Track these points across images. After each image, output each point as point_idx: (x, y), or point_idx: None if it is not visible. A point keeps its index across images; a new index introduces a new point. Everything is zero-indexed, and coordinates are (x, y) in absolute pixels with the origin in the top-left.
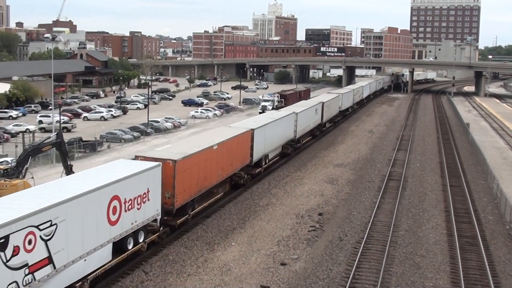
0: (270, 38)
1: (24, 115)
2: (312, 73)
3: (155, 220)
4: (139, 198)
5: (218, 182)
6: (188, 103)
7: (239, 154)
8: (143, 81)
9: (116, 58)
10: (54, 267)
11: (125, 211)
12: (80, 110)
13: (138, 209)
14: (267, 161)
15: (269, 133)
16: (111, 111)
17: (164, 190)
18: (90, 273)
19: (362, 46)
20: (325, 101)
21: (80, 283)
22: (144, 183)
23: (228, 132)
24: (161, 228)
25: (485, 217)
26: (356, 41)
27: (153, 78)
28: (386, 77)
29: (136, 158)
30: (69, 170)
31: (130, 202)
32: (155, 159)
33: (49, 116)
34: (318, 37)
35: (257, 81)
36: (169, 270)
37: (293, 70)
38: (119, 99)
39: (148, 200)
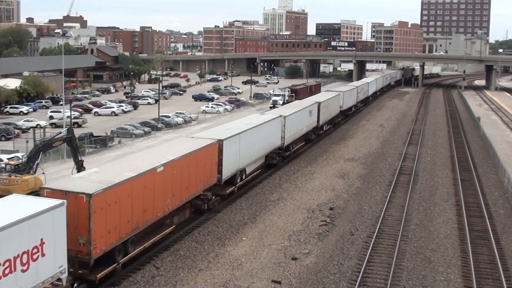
0: (281, 33)
1: (35, 110)
2: (322, 67)
3: (60, 280)
4: (24, 256)
5: (169, 212)
6: (199, 98)
7: (200, 173)
8: (153, 76)
9: (127, 53)
10: None
11: None
12: (91, 106)
13: (23, 271)
14: (243, 177)
15: (246, 142)
16: (122, 106)
17: (77, 234)
18: None
19: (373, 40)
20: (322, 101)
21: None
22: (33, 233)
23: (186, 146)
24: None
25: (496, 211)
26: (366, 35)
27: (164, 73)
28: (393, 72)
29: (42, 191)
30: (80, 166)
31: (7, 265)
32: (63, 194)
33: (60, 112)
34: (329, 31)
35: (267, 75)
36: (180, 265)
37: (304, 65)
38: (127, 95)
39: (43, 255)
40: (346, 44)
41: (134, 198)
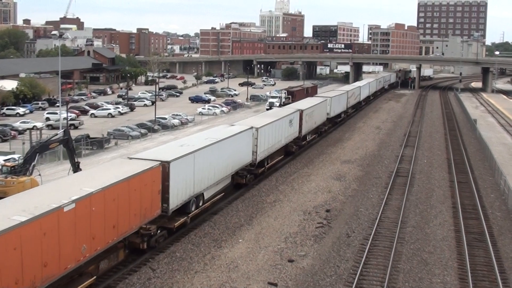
0: (277, 35)
1: (31, 112)
2: (319, 69)
3: None
4: None
5: (87, 260)
6: (196, 99)
7: (136, 205)
8: (150, 78)
9: (123, 55)
10: None
11: None
12: (87, 107)
13: None
14: (200, 204)
15: (204, 162)
16: (118, 108)
17: None
18: None
19: (369, 42)
20: (305, 108)
21: None
22: None
23: (117, 171)
24: None
25: (493, 213)
26: (363, 37)
27: (160, 75)
28: (387, 75)
29: None
30: (76, 167)
31: None
32: None
33: (56, 113)
34: (325, 33)
35: (264, 77)
36: (176, 267)
37: (300, 67)
38: (122, 98)
39: None
40: (342, 46)
41: (25, 250)
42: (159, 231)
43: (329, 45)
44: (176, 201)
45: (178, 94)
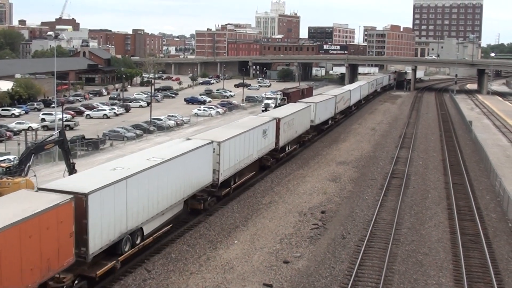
0: (273, 36)
1: (26, 113)
2: (315, 71)
3: None
4: None
5: None
6: (191, 101)
7: (33, 257)
8: (145, 79)
9: (119, 56)
10: None
11: None
12: (82, 108)
13: None
14: (137, 241)
15: (142, 188)
16: (114, 109)
17: None
18: None
19: (365, 44)
20: (283, 116)
21: None
22: None
23: (13, 209)
24: None
25: (488, 214)
26: (358, 39)
27: (156, 76)
28: (379, 77)
29: None
30: (71, 168)
31: None
32: None
33: (52, 114)
34: (321, 35)
35: (259, 79)
36: (172, 269)
37: (296, 68)
38: (113, 99)
39: None
40: (338, 47)
41: None
42: (76, 281)
43: (325, 47)
44: (100, 243)
45: (173, 95)
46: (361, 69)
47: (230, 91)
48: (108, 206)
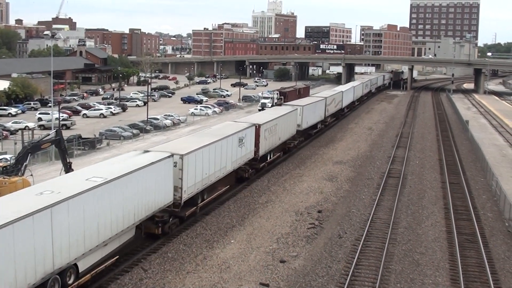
0: (270, 36)
1: (23, 112)
2: (311, 70)
3: None
4: None
5: None
6: (188, 100)
7: None
8: (142, 78)
9: (116, 55)
10: None
11: None
12: (79, 107)
13: None
14: (70, 281)
15: (76, 217)
16: (110, 108)
17: None
18: None
19: (362, 43)
20: (264, 122)
21: None
22: None
23: None
24: None
25: (485, 214)
26: (355, 38)
27: (153, 75)
28: (373, 77)
29: None
30: (68, 168)
31: None
32: None
33: (49, 113)
34: (318, 34)
35: (256, 78)
36: (168, 268)
37: (293, 68)
38: (106, 99)
39: None
40: (335, 47)
41: None
42: None
43: (322, 46)
44: None
45: (170, 94)
46: (357, 69)
47: (227, 91)
48: (25, 242)
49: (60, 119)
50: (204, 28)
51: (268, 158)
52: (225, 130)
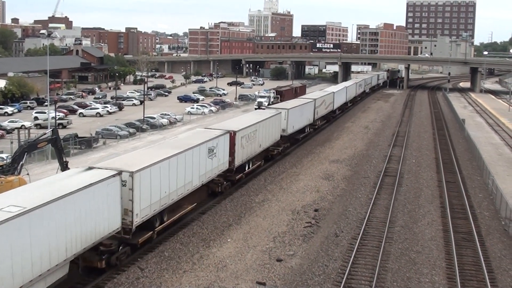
0: (266, 34)
1: (19, 111)
2: (308, 69)
3: None
4: None
5: None
6: (184, 99)
7: None
8: (139, 77)
9: (112, 54)
10: None
11: None
12: (75, 106)
13: None
14: None
15: None
16: (107, 107)
17: None
18: None
19: (358, 42)
20: (240, 129)
21: None
22: None
23: None
24: None
25: (481, 212)
26: (352, 37)
27: (149, 74)
28: (368, 77)
29: None
30: (64, 167)
31: None
32: None
33: (45, 113)
34: (314, 33)
35: (253, 77)
36: (165, 267)
37: (289, 66)
38: (97, 99)
39: None
40: (331, 45)
41: None
42: None
43: (318, 45)
44: None
45: (166, 93)
46: (354, 68)
47: (223, 90)
48: None
49: (57, 118)
50: (201, 27)
51: (247, 168)
52: (192, 140)
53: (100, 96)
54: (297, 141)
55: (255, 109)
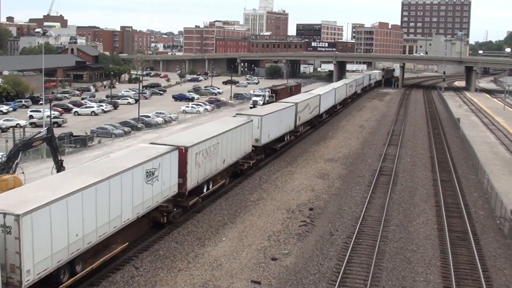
0: (261, 33)
1: (14, 110)
2: (303, 68)
3: None
4: None
5: None
6: (179, 98)
7: None
8: (134, 76)
9: (107, 53)
10: None
11: None
12: (70, 105)
13: None
14: None
15: None
16: (102, 106)
17: None
18: None
19: (353, 41)
20: (195, 143)
21: None
22: None
23: None
24: None
25: (476, 211)
26: (347, 36)
27: (144, 73)
28: (359, 77)
29: None
30: (59, 165)
31: None
32: None
33: (40, 111)
34: (309, 32)
35: (248, 76)
36: (160, 266)
37: (284, 65)
38: (85, 99)
39: None
40: (326, 44)
41: None
42: None
43: (313, 44)
44: None
45: (161, 92)
46: (349, 66)
47: (218, 88)
48: None
49: (52, 117)
50: (196, 26)
51: (205, 189)
52: (125, 161)
53: (88, 96)
54: (275, 151)
55: (250, 107)
